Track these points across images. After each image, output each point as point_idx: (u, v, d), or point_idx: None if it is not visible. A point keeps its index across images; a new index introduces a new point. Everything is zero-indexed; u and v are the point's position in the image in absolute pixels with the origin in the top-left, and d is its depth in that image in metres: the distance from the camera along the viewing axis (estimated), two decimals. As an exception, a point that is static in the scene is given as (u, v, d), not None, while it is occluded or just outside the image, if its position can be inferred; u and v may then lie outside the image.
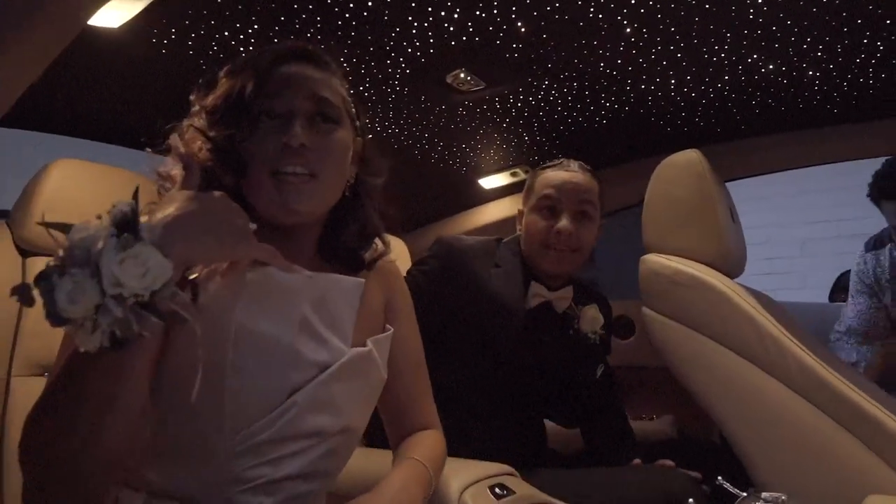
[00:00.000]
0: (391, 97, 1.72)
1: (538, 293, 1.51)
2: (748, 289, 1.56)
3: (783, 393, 1.33)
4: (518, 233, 1.59)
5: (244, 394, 0.82)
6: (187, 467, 0.85)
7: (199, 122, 0.89)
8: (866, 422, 1.22)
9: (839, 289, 3.30)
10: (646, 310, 1.54)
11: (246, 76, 0.88)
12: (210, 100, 0.89)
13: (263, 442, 0.84)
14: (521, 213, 1.60)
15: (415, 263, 1.53)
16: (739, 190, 2.76)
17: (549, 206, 1.51)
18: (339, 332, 0.92)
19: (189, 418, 0.81)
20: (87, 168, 1.55)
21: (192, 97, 0.92)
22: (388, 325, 1.03)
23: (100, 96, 1.59)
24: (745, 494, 1.15)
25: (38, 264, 1.31)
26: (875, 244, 2.31)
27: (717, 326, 1.41)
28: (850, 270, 3.02)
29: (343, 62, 1.56)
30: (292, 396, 0.85)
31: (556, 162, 1.58)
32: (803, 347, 1.34)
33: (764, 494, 1.12)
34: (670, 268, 1.49)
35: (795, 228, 5.59)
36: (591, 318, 1.53)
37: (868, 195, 2.12)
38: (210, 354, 0.77)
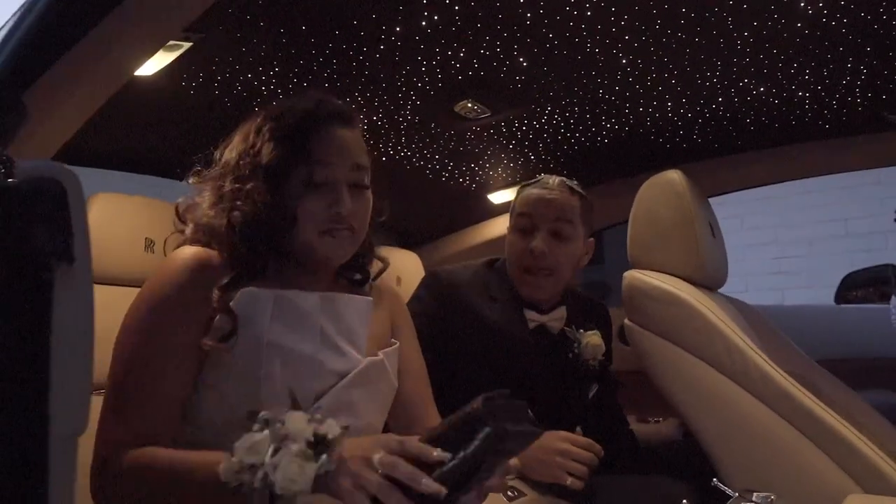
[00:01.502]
0: (403, 125, 1.83)
1: (531, 318, 1.52)
2: (725, 300, 1.64)
3: (748, 401, 1.42)
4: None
5: (273, 400, 0.91)
6: None
7: (248, 180, 0.99)
8: (820, 427, 1.32)
9: (846, 288, 3.31)
10: (627, 322, 1.63)
11: (300, 138, 1.00)
12: (265, 156, 1.00)
13: None
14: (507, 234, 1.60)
15: (411, 298, 1.53)
16: (745, 192, 2.82)
17: (524, 226, 1.50)
18: (355, 345, 1.05)
19: (233, 426, 0.89)
20: (123, 201, 1.66)
21: (236, 141, 1.04)
22: (393, 340, 1.15)
23: (135, 133, 1.72)
24: (735, 494, 1.24)
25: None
26: None
27: (690, 338, 1.50)
28: (857, 270, 3.08)
29: (357, 96, 1.67)
30: (318, 401, 0.97)
31: (537, 179, 1.57)
32: (766, 358, 1.43)
33: (755, 495, 1.22)
34: (648, 283, 1.58)
35: (803, 227, 5.64)
36: (593, 347, 1.54)
37: None
38: (246, 368, 0.94)
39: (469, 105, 1.73)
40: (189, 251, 0.99)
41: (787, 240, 5.63)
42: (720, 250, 1.72)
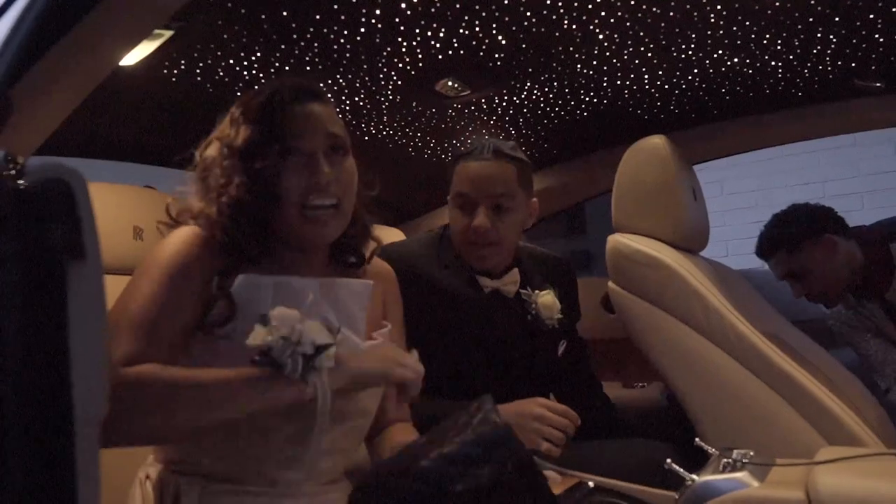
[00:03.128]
0: (385, 105, 1.85)
1: (485, 284, 1.51)
2: (706, 263, 1.69)
3: (724, 360, 1.48)
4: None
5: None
6: (237, 450, 0.98)
7: (230, 162, 1.01)
8: (793, 387, 1.39)
9: None
10: (611, 285, 1.68)
11: (269, 118, 1.01)
12: (240, 141, 1.01)
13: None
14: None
15: None
16: (723, 158, 2.86)
17: (463, 204, 1.48)
18: (354, 328, 1.07)
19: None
20: (110, 190, 1.67)
21: (215, 137, 1.05)
22: (384, 322, 1.18)
23: (119, 122, 1.72)
24: (716, 451, 1.30)
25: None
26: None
27: (670, 301, 1.55)
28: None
29: (339, 78, 1.69)
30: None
31: (472, 148, 1.51)
32: (743, 320, 1.49)
33: (734, 452, 1.28)
34: (630, 247, 1.62)
35: (781, 192, 5.67)
36: (548, 306, 1.54)
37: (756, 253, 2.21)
38: (243, 357, 0.91)
39: (449, 83, 1.75)
40: (189, 229, 1.01)
41: (766, 204, 5.67)
42: (702, 214, 1.77)
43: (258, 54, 1.52)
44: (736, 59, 1.71)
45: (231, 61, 1.53)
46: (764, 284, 2.11)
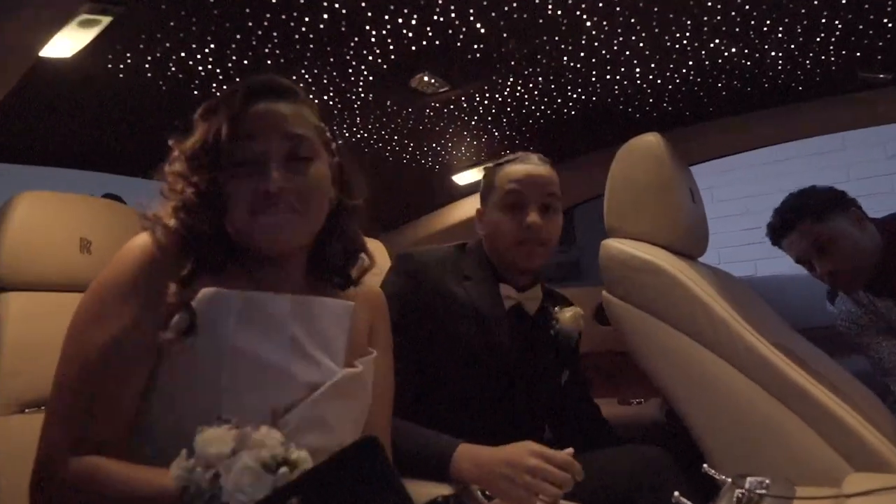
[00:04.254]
0: (357, 104, 1.71)
1: (508, 295, 1.46)
2: (707, 270, 1.57)
3: (732, 375, 1.34)
4: (480, 234, 1.54)
5: (235, 413, 0.82)
6: None
7: (180, 166, 0.92)
8: (810, 404, 1.24)
9: None
10: (605, 294, 1.55)
11: (219, 119, 0.91)
12: (189, 144, 0.92)
13: None
14: (480, 212, 1.54)
15: (382, 282, 1.45)
16: (714, 164, 2.77)
17: (514, 203, 1.45)
18: (331, 353, 0.95)
19: (184, 440, 0.80)
20: (52, 199, 1.53)
21: (170, 142, 0.95)
22: (370, 349, 1.04)
23: (58, 124, 1.57)
24: (729, 479, 1.17)
25: (14, 300, 1.31)
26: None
27: (670, 310, 1.42)
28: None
29: (304, 73, 1.54)
30: (284, 416, 0.87)
31: (515, 156, 1.52)
32: (752, 330, 1.35)
33: (749, 479, 1.14)
34: (626, 252, 1.49)
35: (774, 197, 5.58)
36: (573, 317, 1.50)
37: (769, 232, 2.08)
38: (206, 376, 0.85)
39: (426, 79, 1.61)
40: (141, 239, 0.91)
41: (758, 210, 5.60)
42: (701, 217, 1.64)
43: (211, 46, 1.38)
44: (734, 50, 1.58)
45: (182, 54, 1.39)
46: (765, 293, 1.97)
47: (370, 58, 1.50)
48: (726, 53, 1.60)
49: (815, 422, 1.23)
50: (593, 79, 1.71)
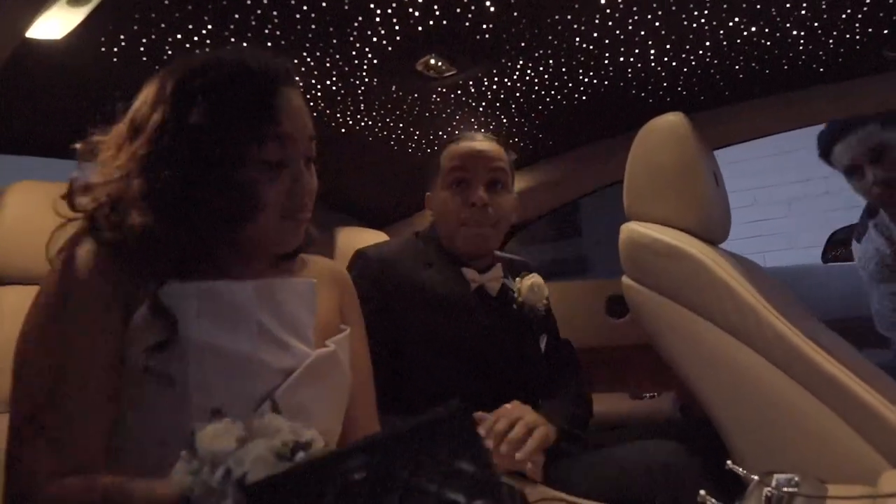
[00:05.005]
0: (360, 89, 1.65)
1: (472, 278, 1.44)
2: (731, 256, 1.50)
3: (760, 364, 1.27)
4: (431, 220, 1.52)
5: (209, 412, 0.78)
6: None
7: (182, 152, 0.82)
8: (845, 396, 1.17)
9: (833, 246, 3.19)
10: (625, 279, 1.48)
11: (244, 109, 0.83)
12: (197, 125, 0.82)
13: None
14: (429, 198, 1.52)
15: None
16: (720, 154, 2.71)
17: (458, 180, 1.43)
18: (300, 336, 0.91)
19: (159, 442, 0.78)
20: (47, 190, 1.48)
21: (118, 105, 0.88)
22: (343, 326, 1.01)
23: (48, 111, 1.51)
24: (755, 477, 1.10)
25: (8, 294, 1.26)
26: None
27: (695, 296, 1.35)
28: (842, 228, 2.96)
29: (306, 56, 1.48)
30: (261, 406, 0.82)
31: (459, 136, 1.50)
32: (782, 318, 1.28)
33: (777, 476, 1.08)
34: (648, 236, 1.43)
35: (781, 188, 5.55)
36: (534, 288, 1.47)
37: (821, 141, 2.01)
38: (173, 377, 0.79)
39: (432, 62, 1.55)
40: (87, 246, 0.81)
41: (765, 201, 5.53)
42: (724, 201, 1.58)
43: (210, 27, 1.32)
44: (753, 29, 1.51)
45: (179, 36, 1.33)
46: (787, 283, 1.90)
47: (375, 39, 1.43)
48: (745, 33, 1.53)
49: (850, 415, 1.16)
50: (606, 61, 1.64)
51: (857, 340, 2.01)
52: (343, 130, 1.86)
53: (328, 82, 1.60)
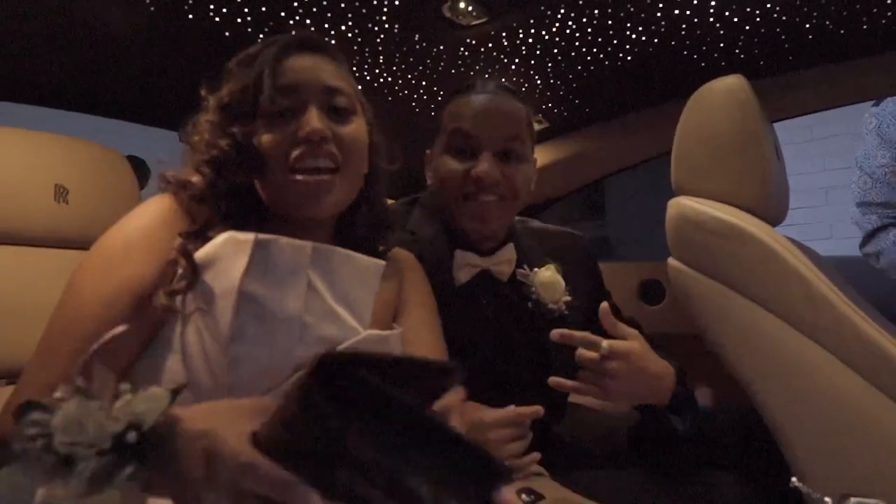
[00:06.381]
0: (380, 37, 1.46)
1: (467, 262, 1.18)
2: (794, 241, 1.32)
3: (834, 367, 1.09)
4: (429, 184, 1.26)
5: (245, 365, 0.78)
6: None
7: (213, 116, 0.89)
8: None
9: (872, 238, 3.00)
10: (672, 261, 1.29)
11: (256, 70, 0.88)
12: (224, 94, 0.89)
13: None
14: (428, 157, 1.27)
15: None
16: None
17: (461, 147, 1.17)
18: (353, 311, 0.89)
19: (186, 391, 0.74)
20: (24, 137, 1.35)
21: (202, 91, 0.92)
22: (395, 325, 0.98)
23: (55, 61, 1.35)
24: (828, 500, 0.94)
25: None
26: None
27: (758, 285, 1.17)
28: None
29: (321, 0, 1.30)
30: (297, 373, 0.81)
31: (468, 85, 1.24)
32: (864, 316, 1.10)
33: (854, 500, 0.92)
34: (704, 213, 1.24)
35: (818, 176, 5.31)
36: (548, 285, 1.21)
37: None
38: (211, 320, 0.78)
39: (462, 5, 1.35)
40: (159, 200, 0.88)
41: (801, 189, 5.29)
42: (784, 178, 1.38)
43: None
44: (836, -22, 1.31)
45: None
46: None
47: (397, -25, 1.25)
48: (826, -17, 1.33)
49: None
50: (658, 13, 1.44)
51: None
52: (359, 87, 1.68)
53: (342, 27, 1.41)
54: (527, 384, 1.20)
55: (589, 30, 1.50)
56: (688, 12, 1.44)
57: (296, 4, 1.33)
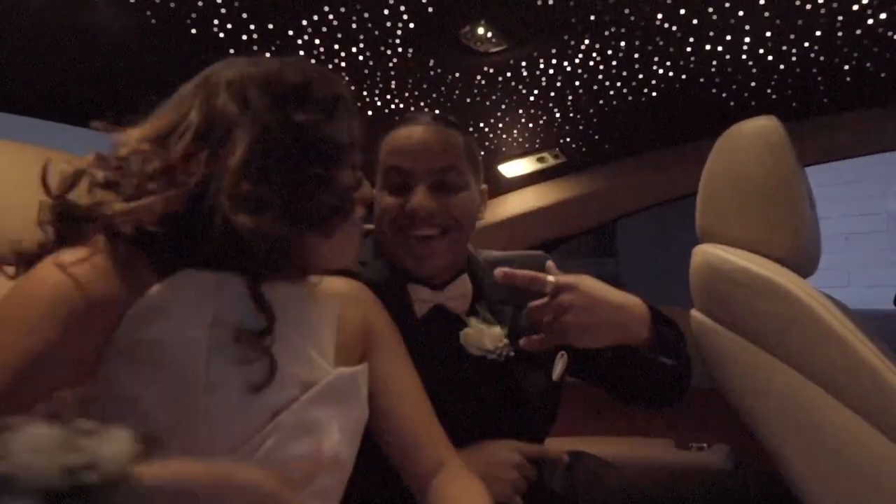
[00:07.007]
0: (392, 61, 1.39)
1: (420, 298, 1.13)
2: (829, 296, 1.21)
3: (879, 444, 0.97)
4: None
5: (220, 415, 0.73)
6: None
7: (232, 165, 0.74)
8: None
9: None
10: (696, 313, 1.19)
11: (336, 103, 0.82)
12: (301, 116, 0.78)
13: None
14: (373, 195, 1.21)
15: None
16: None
17: (395, 182, 1.13)
18: (322, 351, 0.86)
19: (158, 445, 0.69)
20: (15, 152, 1.27)
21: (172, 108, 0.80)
22: (364, 361, 0.94)
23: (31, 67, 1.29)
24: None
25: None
26: None
27: (793, 345, 1.06)
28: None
29: (330, 16, 1.23)
30: (275, 419, 0.76)
31: (402, 119, 1.21)
32: None
33: None
34: (732, 263, 1.13)
35: (837, 221, 5.22)
36: (475, 339, 1.13)
37: None
38: (181, 371, 0.72)
39: (480, 31, 1.28)
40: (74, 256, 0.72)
41: (824, 234, 5.19)
42: (817, 227, 1.28)
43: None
44: (882, 16, 1.22)
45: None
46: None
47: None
48: (871, 21, 1.24)
49: None
50: (689, 48, 1.36)
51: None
52: (369, 113, 1.60)
53: (353, 50, 1.34)
54: (494, 422, 1.14)
55: (614, 62, 1.42)
56: (720, 48, 1.36)
57: (304, 23, 1.26)
